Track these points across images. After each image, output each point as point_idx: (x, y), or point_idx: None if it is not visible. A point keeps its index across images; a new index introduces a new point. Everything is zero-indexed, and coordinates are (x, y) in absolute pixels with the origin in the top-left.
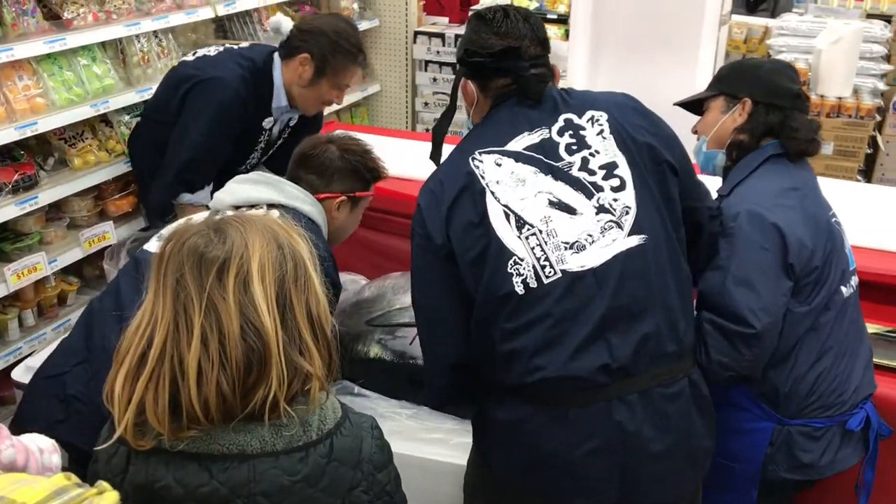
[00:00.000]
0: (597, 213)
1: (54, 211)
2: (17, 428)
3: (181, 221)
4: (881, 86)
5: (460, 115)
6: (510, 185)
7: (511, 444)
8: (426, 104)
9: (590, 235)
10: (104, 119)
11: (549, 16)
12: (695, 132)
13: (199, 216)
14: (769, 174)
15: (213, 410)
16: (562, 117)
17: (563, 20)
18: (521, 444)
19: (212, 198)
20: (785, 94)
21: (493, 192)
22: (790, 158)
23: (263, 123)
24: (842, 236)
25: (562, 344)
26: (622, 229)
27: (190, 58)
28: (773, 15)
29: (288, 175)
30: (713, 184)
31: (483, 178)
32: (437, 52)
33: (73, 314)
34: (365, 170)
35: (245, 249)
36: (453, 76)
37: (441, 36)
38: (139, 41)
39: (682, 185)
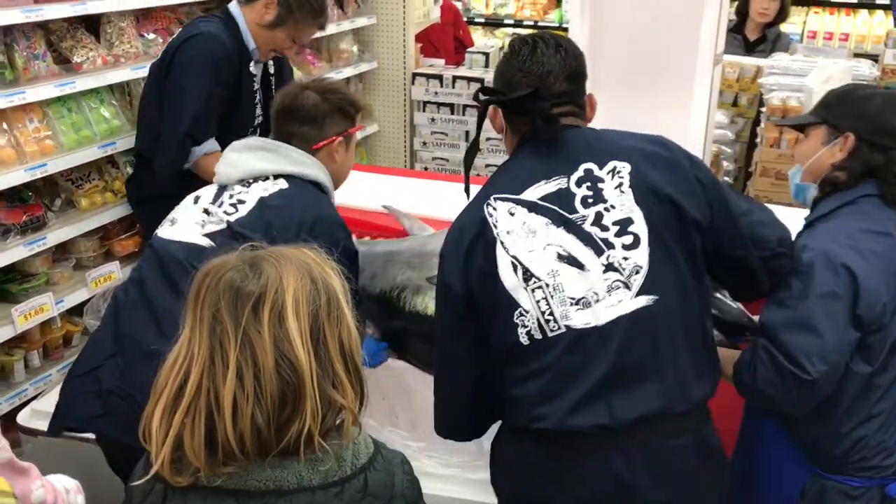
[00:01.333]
0: (604, 272)
1: (60, 252)
2: (56, 427)
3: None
4: None
5: (448, 154)
6: (521, 236)
7: (515, 480)
8: (424, 143)
9: (595, 293)
10: (111, 160)
11: None
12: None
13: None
14: (857, 213)
15: (248, 445)
16: (582, 167)
17: None
18: (523, 481)
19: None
20: (893, 132)
21: (502, 243)
22: (887, 202)
23: (251, 69)
24: None
25: (560, 398)
26: (629, 290)
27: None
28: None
29: (277, 133)
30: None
31: (496, 227)
32: (435, 94)
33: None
34: (349, 105)
35: (280, 284)
36: (451, 116)
37: (439, 77)
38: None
39: (723, 236)
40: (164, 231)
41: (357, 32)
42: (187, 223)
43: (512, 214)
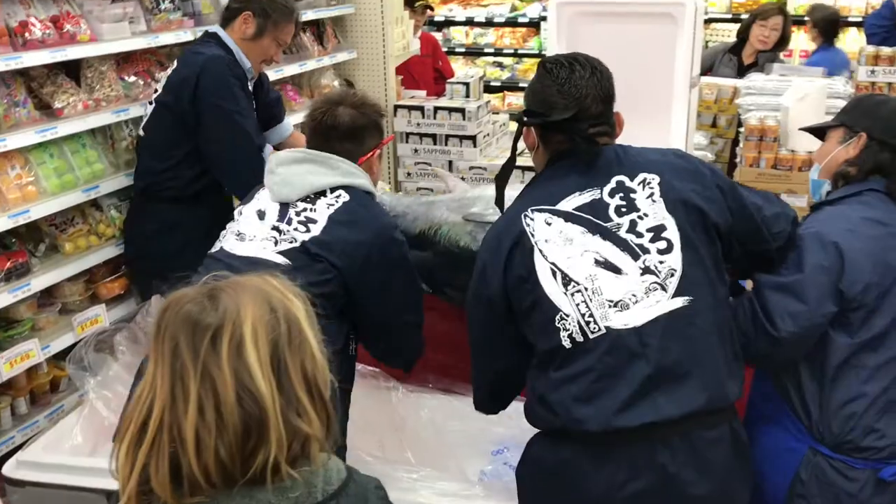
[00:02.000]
0: (642, 274)
1: (46, 296)
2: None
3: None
4: None
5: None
6: (558, 244)
7: (554, 489)
8: (408, 174)
9: (634, 295)
10: (94, 203)
11: (521, 84)
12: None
13: None
14: (861, 203)
15: (214, 476)
16: (614, 179)
17: None
18: (564, 488)
19: None
20: None
21: (541, 251)
22: (892, 198)
23: (250, 87)
24: None
25: (605, 398)
26: (666, 291)
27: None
28: None
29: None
30: None
31: (533, 236)
32: (417, 125)
33: (65, 400)
34: (380, 117)
35: (237, 315)
36: (434, 146)
37: (420, 109)
38: (128, 126)
39: (745, 235)
40: (232, 245)
41: (338, 67)
42: (258, 239)
43: (549, 224)
